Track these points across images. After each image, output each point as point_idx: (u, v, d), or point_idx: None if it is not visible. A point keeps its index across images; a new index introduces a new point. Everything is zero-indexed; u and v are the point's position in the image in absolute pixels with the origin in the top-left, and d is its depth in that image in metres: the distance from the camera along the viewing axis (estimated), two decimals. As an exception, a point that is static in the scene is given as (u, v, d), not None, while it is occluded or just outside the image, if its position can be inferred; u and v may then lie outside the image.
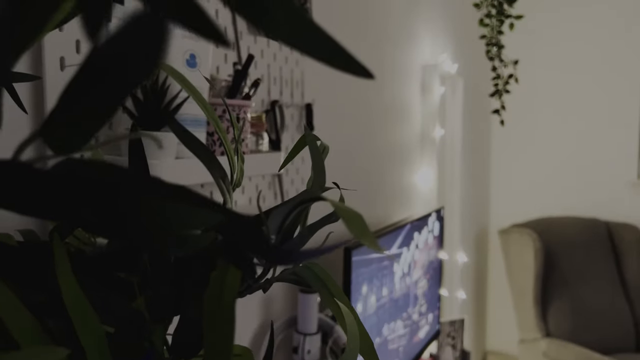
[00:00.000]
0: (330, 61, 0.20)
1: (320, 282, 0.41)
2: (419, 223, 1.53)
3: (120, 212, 0.21)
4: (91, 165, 0.21)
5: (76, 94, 0.18)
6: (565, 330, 2.66)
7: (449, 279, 2.49)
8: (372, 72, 0.20)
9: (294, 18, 0.18)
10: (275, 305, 1.18)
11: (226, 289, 0.25)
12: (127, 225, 0.22)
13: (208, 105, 0.39)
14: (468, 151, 2.81)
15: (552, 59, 3.15)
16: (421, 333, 1.61)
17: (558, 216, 3.01)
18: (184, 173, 0.73)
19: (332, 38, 0.19)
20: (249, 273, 0.28)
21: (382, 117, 1.71)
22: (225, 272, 0.25)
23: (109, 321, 0.32)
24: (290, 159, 0.42)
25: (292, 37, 0.19)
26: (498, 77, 1.89)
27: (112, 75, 0.17)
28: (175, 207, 0.21)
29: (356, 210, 0.25)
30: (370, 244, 0.24)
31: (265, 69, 1.08)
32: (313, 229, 0.36)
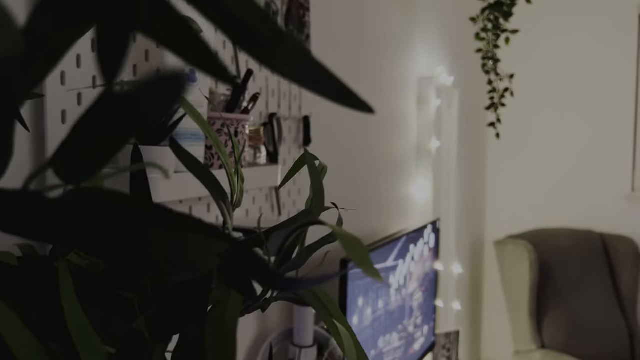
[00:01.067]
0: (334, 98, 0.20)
1: (318, 301, 0.42)
2: (415, 235, 1.54)
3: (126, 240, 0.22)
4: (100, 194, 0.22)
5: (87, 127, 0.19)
6: (560, 342, 2.66)
7: (444, 290, 2.50)
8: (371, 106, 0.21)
9: (297, 57, 0.19)
10: (271, 318, 1.18)
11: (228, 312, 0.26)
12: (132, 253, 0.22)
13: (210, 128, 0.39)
14: (464, 163, 2.83)
15: (548, 73, 3.18)
16: (416, 345, 1.61)
17: (553, 228, 3.03)
18: (183, 186, 0.74)
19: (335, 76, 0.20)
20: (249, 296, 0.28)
21: (379, 128, 1.72)
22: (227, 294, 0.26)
23: (109, 341, 0.32)
24: (289, 178, 0.42)
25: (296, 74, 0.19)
26: (494, 90, 1.91)
27: (122, 114, 0.17)
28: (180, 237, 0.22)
29: (355, 236, 0.26)
30: (370, 272, 0.24)
31: (263, 82, 1.08)
32: (311, 250, 0.36)
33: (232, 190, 0.39)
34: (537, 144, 3.24)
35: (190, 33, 0.17)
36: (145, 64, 0.80)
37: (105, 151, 0.19)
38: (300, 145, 1.24)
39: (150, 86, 0.16)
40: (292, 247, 0.35)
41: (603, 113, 3.05)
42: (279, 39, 0.18)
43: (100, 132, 0.18)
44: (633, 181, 3.01)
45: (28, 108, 0.65)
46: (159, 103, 0.16)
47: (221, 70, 0.18)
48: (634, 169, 3.01)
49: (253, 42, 0.18)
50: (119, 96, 0.17)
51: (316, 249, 0.37)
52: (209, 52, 0.17)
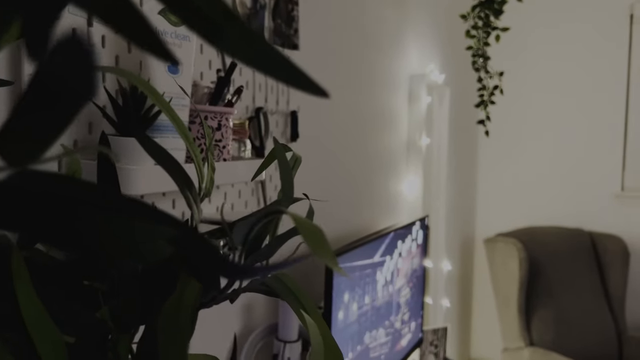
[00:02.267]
0: (286, 81, 0.20)
1: (290, 293, 0.41)
2: (403, 231, 1.54)
3: (72, 225, 0.21)
4: (46, 177, 0.21)
5: (26, 109, 0.19)
6: (548, 340, 2.67)
7: (433, 287, 2.50)
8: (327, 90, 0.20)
9: (248, 38, 0.18)
10: (256, 312, 1.17)
11: (184, 301, 0.25)
12: (81, 239, 0.22)
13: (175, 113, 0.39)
14: (454, 161, 2.83)
15: (538, 71, 3.18)
16: (404, 341, 1.61)
17: (543, 226, 3.04)
18: (163, 179, 0.73)
19: (287, 58, 0.19)
20: (210, 285, 0.28)
21: (369, 125, 1.72)
22: (186, 284, 0.26)
23: (70, 331, 0.32)
24: (262, 170, 0.42)
25: (246, 56, 0.19)
26: (483, 88, 1.91)
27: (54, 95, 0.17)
28: (128, 222, 0.22)
29: (316, 225, 0.25)
30: (328, 261, 0.24)
31: (250, 76, 1.08)
32: (281, 240, 0.36)
33: (199, 179, 0.38)
34: (528, 143, 3.25)
35: (132, 11, 0.16)
36: (128, 56, 0.79)
37: (46, 133, 0.18)
38: (287, 140, 1.23)
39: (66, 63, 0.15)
40: (260, 237, 0.35)
41: (594, 112, 3.06)
42: (227, 18, 0.18)
43: (37, 114, 0.18)
44: (623, 180, 3.03)
45: (7, 97, 0.64)
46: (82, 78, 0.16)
47: (161, 48, 0.17)
48: (623, 168, 3.02)
49: (201, 22, 0.18)
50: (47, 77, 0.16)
51: (286, 239, 0.36)
52: (151, 32, 0.17)
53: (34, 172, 0.21)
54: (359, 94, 1.64)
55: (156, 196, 0.86)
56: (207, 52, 0.95)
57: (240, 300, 1.13)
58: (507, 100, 3.17)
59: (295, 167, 0.42)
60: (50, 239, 0.21)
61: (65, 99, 0.17)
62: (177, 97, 0.75)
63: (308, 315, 0.36)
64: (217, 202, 1.02)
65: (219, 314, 1.05)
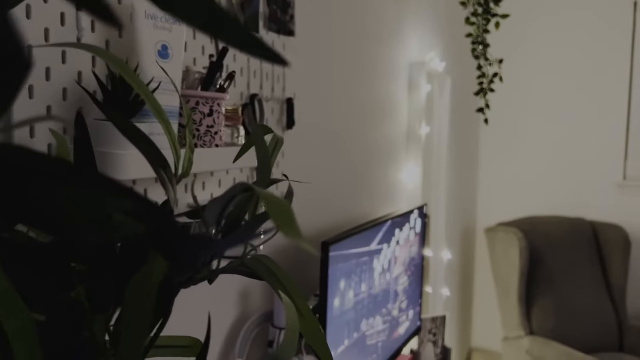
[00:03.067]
0: (241, 47, 0.19)
1: (270, 274, 0.41)
2: (401, 220, 1.53)
3: (30, 198, 0.21)
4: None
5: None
6: (549, 329, 2.67)
7: (433, 276, 2.50)
8: (287, 59, 0.20)
9: (200, 3, 0.18)
10: (252, 299, 1.17)
11: (149, 278, 0.25)
12: (38, 210, 0.22)
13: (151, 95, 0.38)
14: (455, 150, 2.82)
15: (540, 59, 3.16)
16: (401, 329, 1.61)
17: (544, 216, 3.03)
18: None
19: (242, 24, 0.19)
20: (175, 261, 0.28)
21: (368, 113, 1.71)
22: (154, 260, 0.25)
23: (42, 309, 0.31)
24: (244, 153, 0.42)
25: (198, 21, 0.18)
26: (483, 75, 1.90)
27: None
28: (83, 193, 0.21)
29: (284, 201, 0.25)
30: (294, 237, 0.24)
31: (244, 62, 1.07)
32: (260, 219, 0.36)
33: (175, 160, 0.38)
34: (530, 132, 3.23)
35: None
36: (118, 40, 0.79)
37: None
38: (284, 128, 1.23)
39: None
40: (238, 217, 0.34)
41: (596, 101, 3.04)
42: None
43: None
44: (625, 169, 3.01)
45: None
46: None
47: (103, 9, 0.17)
48: (626, 157, 3.00)
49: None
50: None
51: (266, 218, 0.36)
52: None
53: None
54: (358, 82, 1.63)
55: (149, 182, 0.86)
56: (200, 38, 0.95)
57: (237, 288, 1.13)
58: (509, 88, 3.16)
59: (277, 149, 0.42)
60: (6, 209, 0.21)
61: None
62: (167, 82, 0.75)
63: (286, 296, 0.36)
64: (211, 189, 1.02)
65: (215, 301, 1.05)
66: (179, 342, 0.43)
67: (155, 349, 0.41)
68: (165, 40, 0.75)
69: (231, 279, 1.11)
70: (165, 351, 0.43)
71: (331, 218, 1.49)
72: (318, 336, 0.46)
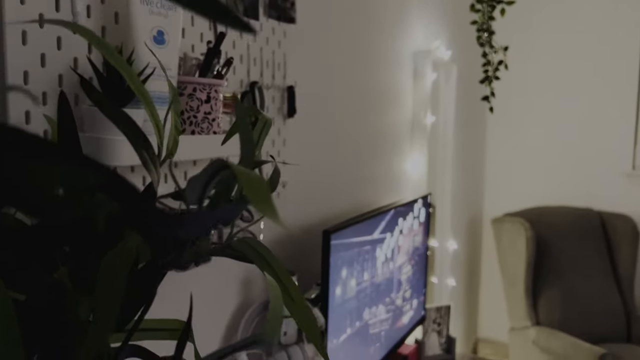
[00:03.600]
0: (211, 16, 0.19)
1: (259, 256, 0.41)
2: (404, 209, 1.53)
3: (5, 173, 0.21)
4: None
5: None
6: (556, 319, 2.66)
7: (439, 266, 2.50)
8: (254, 27, 0.19)
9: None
10: (255, 287, 1.18)
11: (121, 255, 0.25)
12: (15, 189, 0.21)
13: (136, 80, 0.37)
14: (461, 139, 2.80)
15: (547, 46, 3.12)
16: (405, 318, 1.61)
17: (552, 206, 3.01)
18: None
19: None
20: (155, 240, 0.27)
21: (372, 102, 1.70)
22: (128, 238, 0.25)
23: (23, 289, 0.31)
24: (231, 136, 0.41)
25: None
26: (488, 63, 1.88)
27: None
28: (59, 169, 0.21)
29: (258, 175, 0.24)
30: (267, 212, 0.23)
31: (244, 50, 1.07)
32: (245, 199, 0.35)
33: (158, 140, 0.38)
34: (537, 121, 3.20)
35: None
36: (114, 26, 0.78)
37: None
38: (284, 116, 1.22)
39: None
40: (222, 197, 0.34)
41: (604, 89, 3.00)
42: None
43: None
44: (634, 159, 2.98)
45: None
46: None
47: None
48: (635, 147, 2.97)
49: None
50: None
51: None
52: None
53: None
54: (361, 70, 1.62)
55: (147, 170, 0.85)
56: (198, 25, 0.94)
57: (239, 276, 1.13)
58: (516, 76, 3.12)
59: (265, 130, 0.41)
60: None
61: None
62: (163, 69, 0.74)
63: (271, 277, 0.36)
64: (211, 177, 1.02)
65: (217, 289, 1.05)
66: (166, 325, 0.43)
67: (142, 332, 0.41)
68: (160, 25, 0.75)
69: (232, 267, 1.11)
70: (152, 334, 0.43)
71: (334, 207, 1.49)
72: (308, 320, 0.46)
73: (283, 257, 1.25)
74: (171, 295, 0.93)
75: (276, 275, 0.43)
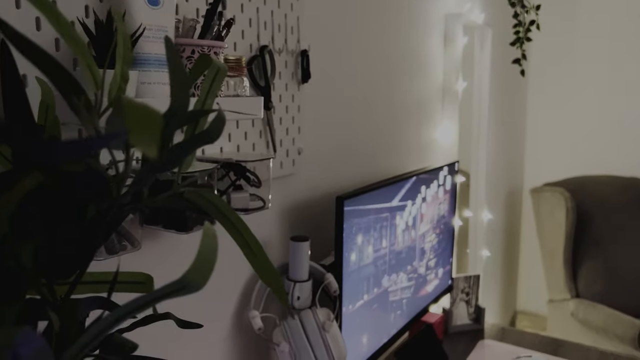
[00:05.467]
0: None
1: (212, 206, 0.40)
2: (428, 176, 1.50)
3: None
4: None
5: None
6: (596, 292, 2.58)
7: (473, 236, 2.45)
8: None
9: None
10: (269, 251, 1.18)
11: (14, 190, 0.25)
12: None
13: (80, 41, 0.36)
14: (498, 106, 2.71)
15: (594, 10, 2.96)
16: (429, 287, 1.59)
17: (595, 175, 2.89)
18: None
19: None
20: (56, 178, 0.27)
21: (397, 67, 1.66)
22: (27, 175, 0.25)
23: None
24: (194, 82, 0.40)
25: None
26: (519, 24, 1.79)
27: None
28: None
29: (151, 109, 0.23)
30: (138, 142, 0.22)
31: (253, 13, 1.05)
32: (193, 143, 0.34)
33: (95, 87, 0.37)
34: (581, 87, 3.06)
35: None
36: (99, 5, 0.78)
37: None
38: (298, 81, 1.21)
39: None
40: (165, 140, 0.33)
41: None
42: None
43: None
44: (686, 125, 2.81)
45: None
46: None
47: None
48: (687, 112, 2.80)
49: None
50: None
51: (197, 142, 0.34)
52: None
53: None
54: (385, 33, 1.57)
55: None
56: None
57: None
58: (560, 40, 2.98)
59: (218, 79, 0.40)
60: None
61: None
62: (157, 30, 0.74)
63: (210, 224, 0.35)
64: (221, 142, 1.02)
65: (231, 254, 1.06)
66: (132, 277, 0.43)
67: (101, 285, 0.41)
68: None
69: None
70: (118, 287, 0.44)
71: (355, 175, 1.47)
72: (271, 273, 0.45)
73: (298, 224, 1.25)
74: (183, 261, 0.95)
75: (234, 227, 0.42)
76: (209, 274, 0.32)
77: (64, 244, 0.36)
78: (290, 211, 1.23)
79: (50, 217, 0.35)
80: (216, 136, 0.35)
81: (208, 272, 0.32)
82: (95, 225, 0.35)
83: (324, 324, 1.06)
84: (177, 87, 0.32)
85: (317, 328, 1.06)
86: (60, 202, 0.34)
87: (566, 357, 1.63)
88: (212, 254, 0.33)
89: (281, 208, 1.20)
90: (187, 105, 0.33)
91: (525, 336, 1.77)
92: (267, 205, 1.00)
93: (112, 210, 0.34)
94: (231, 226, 0.42)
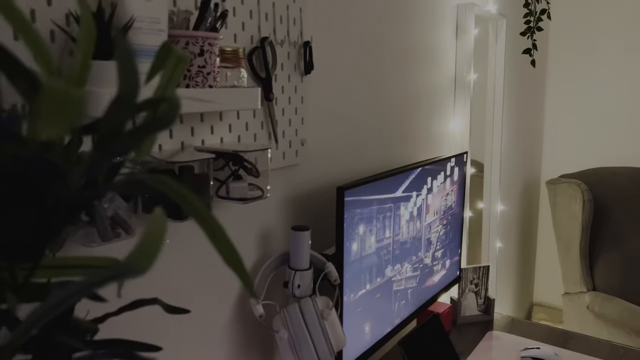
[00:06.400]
0: None
1: (175, 192, 0.41)
2: (435, 167, 1.49)
3: None
4: None
5: None
6: (613, 285, 2.54)
7: (486, 228, 2.44)
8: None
9: None
10: (273, 241, 1.20)
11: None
12: None
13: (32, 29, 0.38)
14: (515, 97, 2.68)
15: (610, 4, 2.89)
16: (436, 277, 1.60)
17: (612, 167, 2.84)
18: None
19: None
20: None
21: (407, 58, 1.65)
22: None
23: None
24: (154, 74, 0.41)
25: None
26: (530, 13, 1.77)
27: None
28: None
29: (69, 89, 0.24)
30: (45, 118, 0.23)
31: (254, 4, 1.06)
32: (145, 128, 0.36)
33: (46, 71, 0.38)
34: (600, 78, 3.00)
35: None
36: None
37: None
38: (302, 73, 1.22)
39: None
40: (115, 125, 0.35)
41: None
42: None
43: None
44: None
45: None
46: None
47: None
48: None
49: None
50: None
51: (149, 128, 0.36)
52: None
53: None
54: (393, 24, 1.57)
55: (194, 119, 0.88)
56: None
57: (257, 230, 1.15)
58: (578, 29, 2.93)
59: (179, 67, 0.41)
60: None
61: None
62: (151, 22, 0.76)
63: (159, 209, 0.36)
64: (221, 133, 1.04)
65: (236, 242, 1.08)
66: (97, 262, 0.45)
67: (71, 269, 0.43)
68: (148, -21, 0.76)
69: (251, 220, 1.13)
70: (82, 271, 0.45)
71: (359, 166, 1.48)
72: (233, 257, 0.47)
73: (302, 214, 1.27)
74: (192, 249, 0.97)
75: (197, 212, 0.44)
76: (153, 258, 0.33)
77: (19, 227, 0.37)
78: (294, 201, 1.24)
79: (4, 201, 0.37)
80: (169, 122, 0.36)
81: (152, 256, 0.33)
82: (52, 210, 0.37)
83: (322, 311, 1.08)
84: (123, 73, 0.33)
85: (316, 316, 1.07)
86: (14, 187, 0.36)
87: (576, 350, 1.62)
88: (159, 238, 0.34)
89: (284, 198, 1.22)
90: (137, 93, 0.34)
91: (535, 328, 1.76)
92: (266, 195, 1.01)
93: (67, 196, 0.36)
94: (195, 211, 0.43)
